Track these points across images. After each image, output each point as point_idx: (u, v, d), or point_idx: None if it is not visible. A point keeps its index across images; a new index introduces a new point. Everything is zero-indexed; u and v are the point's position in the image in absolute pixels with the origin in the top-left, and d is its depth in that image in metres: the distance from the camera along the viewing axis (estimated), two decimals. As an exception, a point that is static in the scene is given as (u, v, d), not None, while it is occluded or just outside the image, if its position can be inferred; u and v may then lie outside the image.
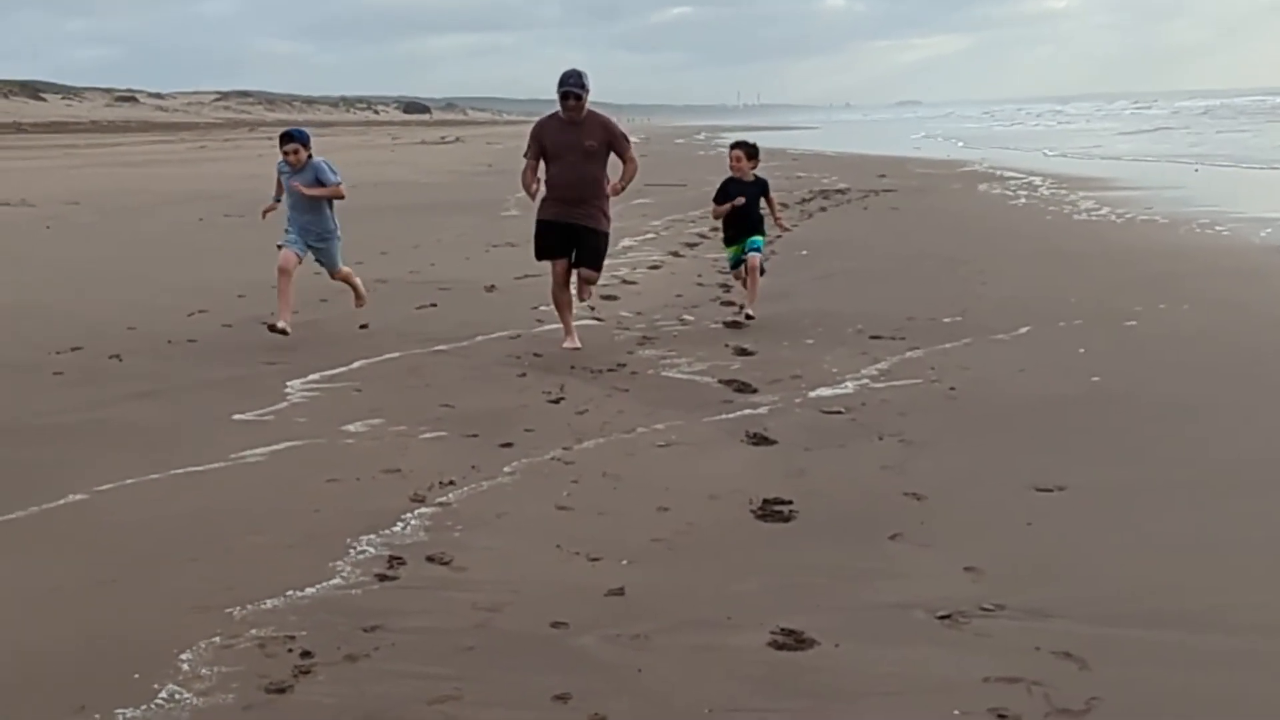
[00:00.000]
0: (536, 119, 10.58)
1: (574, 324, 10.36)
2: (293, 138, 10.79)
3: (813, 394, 8.45)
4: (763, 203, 11.61)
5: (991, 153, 44.69)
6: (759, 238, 11.46)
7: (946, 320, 11.03)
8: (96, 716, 3.98)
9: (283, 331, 10.07)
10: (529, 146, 10.25)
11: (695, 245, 17.33)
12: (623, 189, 10.27)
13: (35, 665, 4.38)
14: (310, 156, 10.73)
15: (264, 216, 11.33)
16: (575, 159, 10.05)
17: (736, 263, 11.58)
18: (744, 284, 11.58)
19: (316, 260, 10.99)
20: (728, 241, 11.68)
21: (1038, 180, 28.97)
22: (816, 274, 14.42)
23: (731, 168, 11.55)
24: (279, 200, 11.03)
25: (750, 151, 11.50)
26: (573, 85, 9.94)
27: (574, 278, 10.40)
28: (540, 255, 10.41)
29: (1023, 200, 24.33)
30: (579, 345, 10.06)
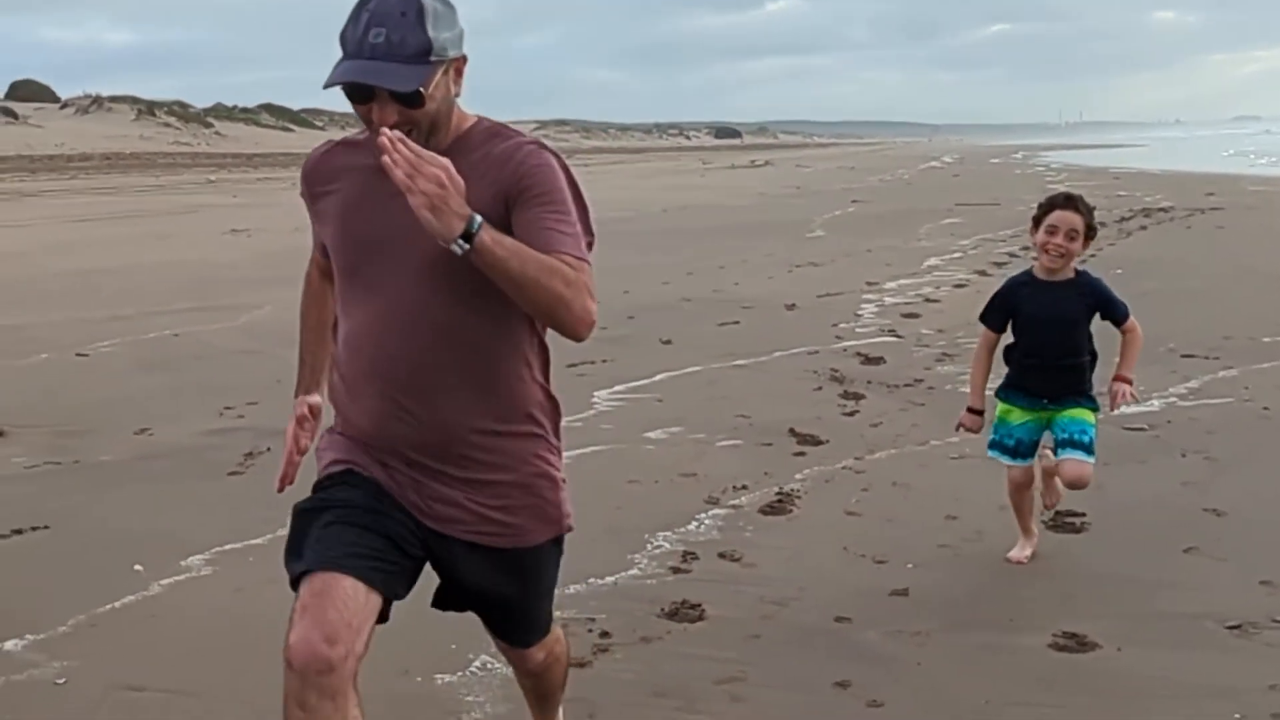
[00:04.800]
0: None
1: None
2: None
3: (1116, 411, 8.28)
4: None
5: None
6: (1085, 413, 5.39)
7: (1266, 340, 10.58)
8: (418, 679, 4.41)
9: None
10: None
11: (1004, 265, 17.07)
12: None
13: (367, 632, 4.86)
14: None
15: None
16: (408, 287, 2.86)
17: (1019, 446, 5.43)
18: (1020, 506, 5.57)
19: None
20: (1011, 393, 5.47)
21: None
22: (1130, 292, 13.75)
23: (1044, 248, 5.28)
24: None
25: (1091, 227, 5.36)
26: (369, 60, 2.70)
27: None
28: (298, 557, 2.95)
29: (1365, 216, 22.83)
30: None
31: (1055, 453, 5.36)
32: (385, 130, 2.62)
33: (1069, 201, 5.31)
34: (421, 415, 2.90)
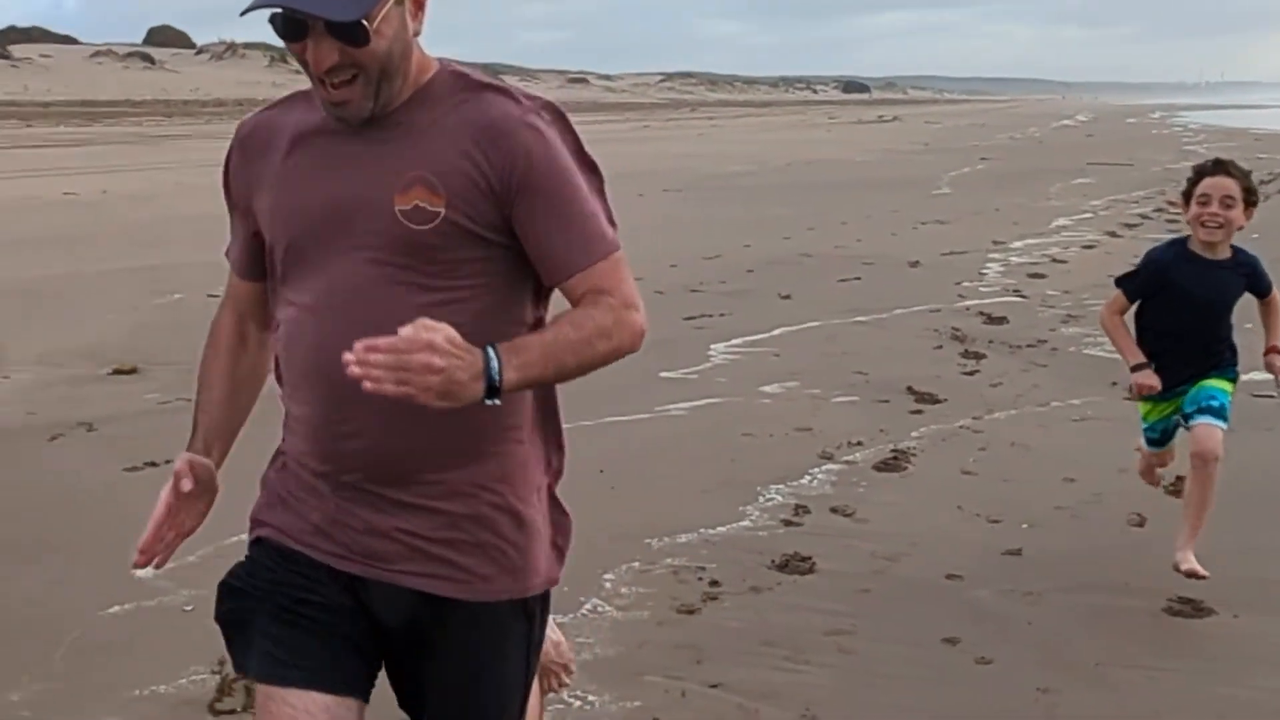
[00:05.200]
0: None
1: None
2: None
3: (1245, 377, 8.05)
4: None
5: None
6: (1221, 381, 4.90)
7: None
8: (531, 619, 4.50)
9: None
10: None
11: (1135, 226, 16.77)
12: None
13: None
14: None
15: None
16: (361, 272, 2.18)
17: (1165, 435, 5.10)
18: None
19: None
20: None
21: None
22: (1267, 258, 13.57)
23: (1200, 220, 4.73)
24: None
25: (1249, 191, 4.79)
26: None
27: None
28: (239, 658, 2.37)
29: None
30: None
31: (1187, 425, 4.83)
32: (347, 355, 1.92)
33: (1219, 166, 4.78)
34: (367, 436, 2.20)
